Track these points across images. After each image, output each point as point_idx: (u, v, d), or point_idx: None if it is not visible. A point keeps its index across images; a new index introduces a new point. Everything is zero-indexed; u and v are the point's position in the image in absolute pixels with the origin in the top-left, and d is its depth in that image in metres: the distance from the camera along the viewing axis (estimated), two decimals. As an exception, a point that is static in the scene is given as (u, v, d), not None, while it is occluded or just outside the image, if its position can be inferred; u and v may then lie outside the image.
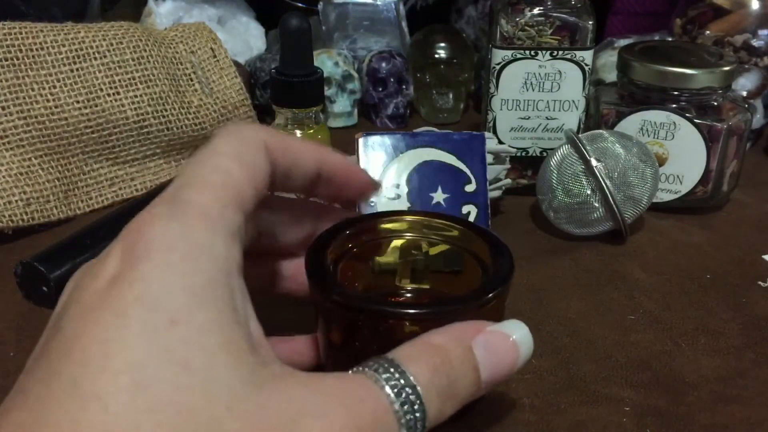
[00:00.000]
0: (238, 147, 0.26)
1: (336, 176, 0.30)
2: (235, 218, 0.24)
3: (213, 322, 0.21)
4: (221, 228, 0.23)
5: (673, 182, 0.54)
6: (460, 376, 0.25)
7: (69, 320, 0.21)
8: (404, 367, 0.24)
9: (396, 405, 0.23)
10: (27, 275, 0.42)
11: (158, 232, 0.22)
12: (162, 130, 0.55)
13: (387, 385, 0.23)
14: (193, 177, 0.24)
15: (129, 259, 0.22)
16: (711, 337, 0.41)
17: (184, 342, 0.20)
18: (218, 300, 0.22)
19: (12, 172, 0.49)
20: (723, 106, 0.53)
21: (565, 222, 0.50)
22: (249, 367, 0.21)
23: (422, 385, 0.24)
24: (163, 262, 0.21)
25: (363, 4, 0.76)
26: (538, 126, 0.55)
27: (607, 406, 0.35)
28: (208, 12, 0.74)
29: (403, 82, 0.69)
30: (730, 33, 0.66)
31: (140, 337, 0.20)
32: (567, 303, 0.43)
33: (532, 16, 0.52)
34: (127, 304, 0.20)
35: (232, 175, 0.24)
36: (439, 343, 0.25)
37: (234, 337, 0.21)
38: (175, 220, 0.22)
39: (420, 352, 0.25)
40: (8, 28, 0.50)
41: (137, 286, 0.21)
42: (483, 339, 0.26)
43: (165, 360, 0.20)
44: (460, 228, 0.35)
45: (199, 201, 0.23)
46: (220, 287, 0.22)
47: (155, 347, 0.20)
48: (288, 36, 0.45)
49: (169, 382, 0.19)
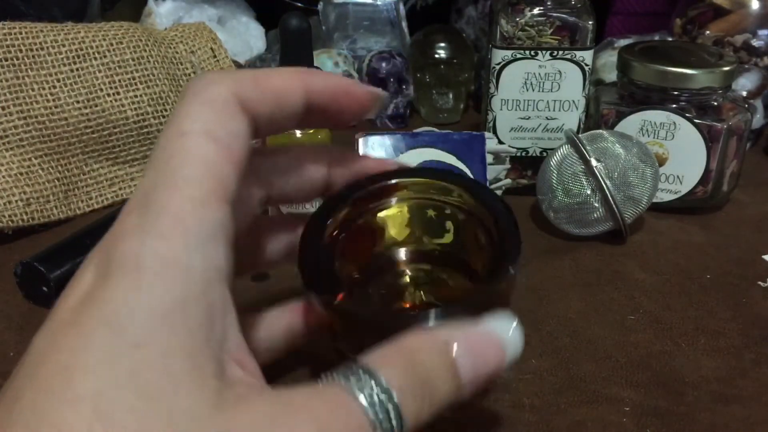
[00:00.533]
0: (207, 118, 0.23)
1: (327, 102, 0.27)
2: (215, 217, 0.22)
3: (179, 345, 0.20)
4: (197, 236, 0.21)
5: (673, 182, 0.54)
6: (435, 375, 0.24)
7: (40, 338, 0.21)
8: (375, 371, 0.22)
9: (370, 413, 0.22)
10: (27, 275, 0.42)
11: (129, 249, 0.21)
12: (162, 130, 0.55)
13: (361, 393, 0.22)
14: (163, 172, 0.22)
15: (101, 278, 0.21)
16: (711, 337, 0.41)
17: (148, 366, 0.19)
18: (188, 320, 0.21)
19: (12, 172, 0.50)
20: (723, 106, 0.53)
21: (565, 222, 0.50)
22: (213, 391, 0.20)
23: (396, 388, 0.22)
24: (133, 282, 0.20)
25: (363, 4, 0.76)
26: (538, 126, 0.55)
27: (607, 406, 0.35)
28: (208, 12, 0.74)
29: (403, 82, 0.69)
30: (730, 33, 0.66)
31: (103, 363, 0.19)
32: (567, 303, 0.43)
33: (532, 16, 0.52)
34: (93, 327, 0.20)
35: (207, 161, 0.22)
36: (413, 345, 0.24)
37: (200, 361, 0.20)
38: (146, 234, 0.21)
39: (393, 355, 0.24)
40: (8, 28, 0.50)
41: (104, 307, 0.20)
42: (461, 336, 0.25)
43: (127, 387, 0.19)
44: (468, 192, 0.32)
45: (172, 205, 0.21)
46: (193, 306, 0.21)
47: (118, 373, 0.19)
48: (288, 36, 0.45)
49: (130, 410, 0.19)
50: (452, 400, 0.24)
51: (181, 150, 0.22)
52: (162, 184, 0.22)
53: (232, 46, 0.68)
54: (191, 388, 0.20)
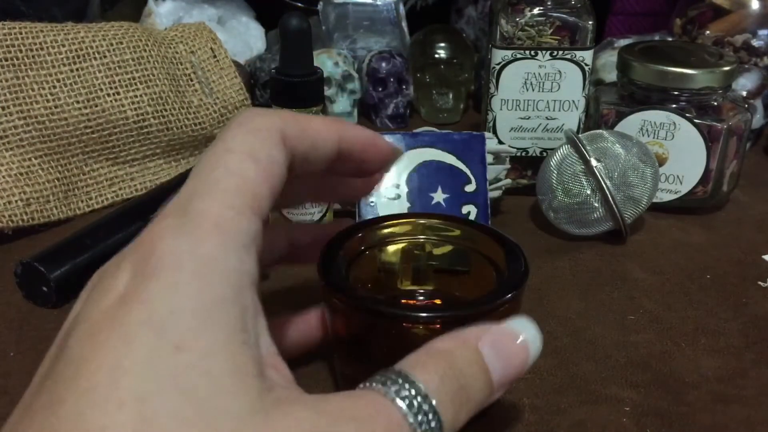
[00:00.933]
0: (251, 142, 0.24)
1: (356, 152, 0.28)
2: (250, 227, 0.23)
3: (219, 345, 0.20)
4: (234, 240, 0.22)
5: (673, 182, 0.54)
6: (471, 380, 0.24)
7: (77, 340, 0.21)
8: (413, 377, 0.23)
9: (410, 417, 0.22)
10: (27, 275, 0.42)
11: (168, 249, 0.21)
12: (162, 130, 0.55)
13: (398, 397, 0.22)
14: (204, 181, 0.23)
15: (138, 277, 0.21)
16: (711, 337, 0.41)
17: (190, 368, 0.20)
18: (227, 321, 0.21)
19: (12, 172, 0.49)
20: (723, 106, 0.53)
21: (565, 222, 0.50)
22: (255, 393, 0.20)
23: (434, 393, 0.23)
24: (172, 282, 0.21)
25: (363, 4, 0.76)
26: (538, 126, 0.55)
27: (607, 406, 0.35)
28: (208, 12, 0.74)
29: (403, 82, 0.69)
30: (730, 33, 0.66)
31: (146, 365, 0.19)
32: (567, 303, 0.43)
33: (532, 16, 0.52)
34: (134, 328, 0.20)
35: (247, 178, 0.23)
36: (446, 348, 0.25)
37: (241, 362, 0.21)
38: (185, 235, 0.22)
39: (427, 359, 0.24)
40: (8, 28, 0.50)
41: (144, 307, 0.20)
42: (490, 339, 0.25)
43: (170, 389, 0.19)
44: (465, 228, 0.36)
45: (211, 211, 0.22)
46: (230, 306, 0.21)
47: (160, 375, 0.19)
48: (288, 36, 0.45)
49: (173, 414, 0.19)
50: (486, 403, 0.25)
51: (223, 164, 0.23)
52: (202, 193, 0.23)
53: (232, 46, 0.68)
54: (234, 389, 0.20)
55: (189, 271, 0.21)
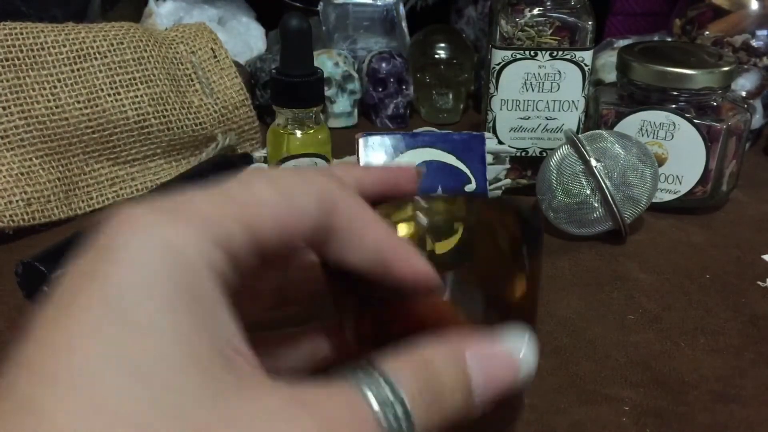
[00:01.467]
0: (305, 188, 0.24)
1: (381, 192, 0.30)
2: (230, 230, 0.22)
3: (179, 329, 0.20)
4: (206, 233, 0.21)
5: (673, 182, 0.54)
6: (449, 392, 0.23)
7: (40, 317, 0.20)
8: (390, 375, 0.22)
9: (380, 416, 0.21)
10: (28, 275, 0.42)
11: (136, 228, 0.21)
12: (162, 131, 0.55)
13: (371, 392, 0.21)
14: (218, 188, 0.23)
15: (102, 254, 0.20)
16: (710, 336, 0.41)
17: (146, 352, 0.19)
18: (189, 306, 0.20)
19: (13, 172, 0.50)
20: (722, 107, 0.53)
21: (564, 222, 0.50)
22: (216, 378, 0.20)
23: (409, 397, 0.22)
24: (135, 262, 0.20)
25: (363, 4, 0.76)
26: (538, 126, 0.55)
27: (606, 406, 0.35)
28: (209, 12, 0.75)
29: (403, 82, 0.69)
30: (729, 33, 0.66)
31: (100, 346, 0.19)
32: (567, 303, 0.44)
33: (532, 16, 0.52)
34: (91, 307, 0.19)
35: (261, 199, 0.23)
36: (431, 357, 0.23)
37: (201, 347, 0.20)
38: (151, 222, 0.21)
39: (408, 360, 0.23)
40: (9, 29, 0.50)
41: (105, 287, 0.20)
42: (477, 354, 0.24)
43: (124, 371, 0.19)
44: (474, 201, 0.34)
45: (199, 208, 0.22)
46: (194, 292, 0.20)
47: (115, 357, 0.19)
48: (288, 36, 0.45)
49: (127, 397, 0.18)
50: (462, 416, 0.24)
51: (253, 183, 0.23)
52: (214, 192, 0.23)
53: (232, 47, 0.68)
54: (193, 373, 0.19)
55: (154, 254, 0.20)
